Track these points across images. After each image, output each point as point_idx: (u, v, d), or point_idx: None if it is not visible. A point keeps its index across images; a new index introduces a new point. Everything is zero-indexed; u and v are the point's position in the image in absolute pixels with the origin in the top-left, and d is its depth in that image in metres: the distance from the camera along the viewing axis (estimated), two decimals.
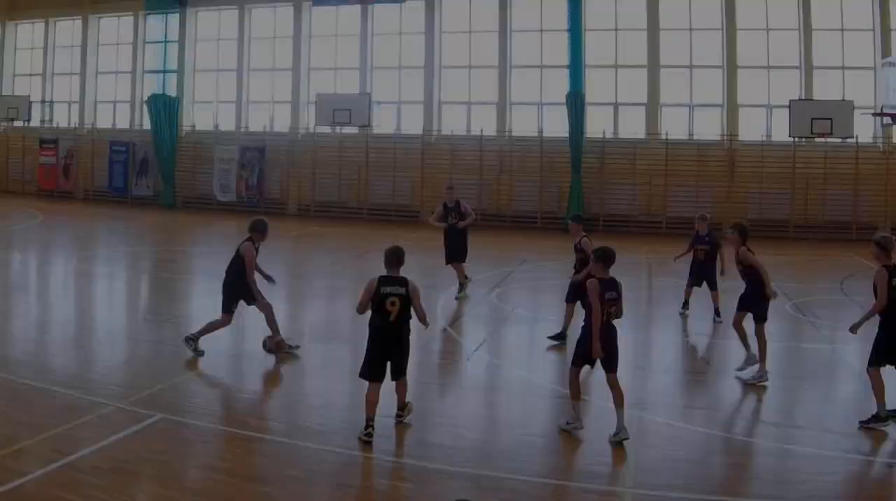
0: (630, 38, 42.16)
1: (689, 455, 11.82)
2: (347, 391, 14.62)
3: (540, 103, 43.44)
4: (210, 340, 17.35)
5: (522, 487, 10.50)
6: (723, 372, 16.48)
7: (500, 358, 17.37)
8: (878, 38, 39.01)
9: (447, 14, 45.00)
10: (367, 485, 10.55)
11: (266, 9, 48.31)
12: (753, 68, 40.89)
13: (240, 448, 11.57)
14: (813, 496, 10.44)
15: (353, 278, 25.57)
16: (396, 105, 46.08)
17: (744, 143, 40.40)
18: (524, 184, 42.22)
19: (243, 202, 46.33)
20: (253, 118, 48.70)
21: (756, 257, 15.52)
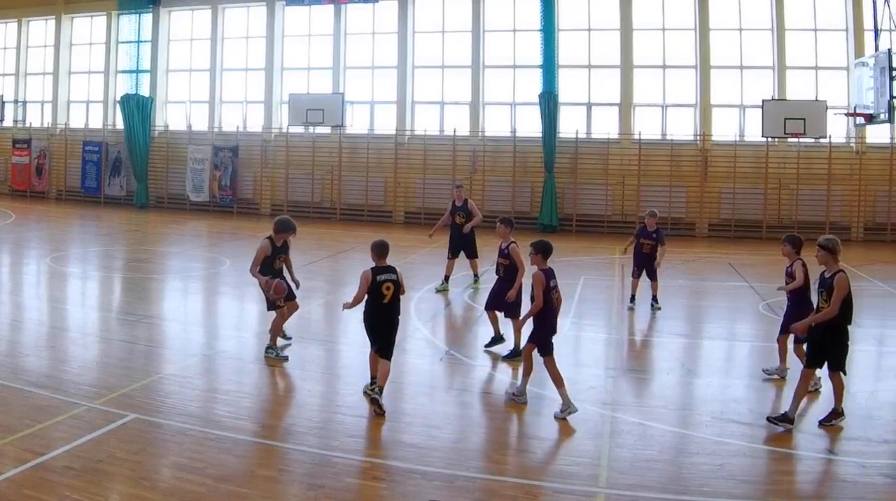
0: (603, 39, 42.37)
1: (661, 454, 11.81)
2: (320, 391, 14.77)
3: (513, 103, 43.62)
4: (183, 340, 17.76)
5: (495, 487, 10.48)
6: (696, 372, 16.53)
7: (473, 358, 17.30)
8: (851, 38, 39.24)
9: (420, 14, 45.14)
10: (340, 485, 10.44)
11: (239, 9, 48.42)
12: (726, 68, 41.09)
13: (213, 448, 11.47)
14: (785, 495, 10.47)
15: (327, 278, 25.69)
16: (369, 105, 46.17)
17: (717, 143, 40.63)
18: (497, 184, 42.34)
19: (216, 202, 46.61)
20: (226, 118, 48.74)
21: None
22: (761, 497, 10.43)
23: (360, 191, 44.35)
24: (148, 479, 10.40)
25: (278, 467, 11.06)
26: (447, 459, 11.46)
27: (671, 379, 16.10)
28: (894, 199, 38.52)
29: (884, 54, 30.04)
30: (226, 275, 27.15)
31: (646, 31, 41.84)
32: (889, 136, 38.57)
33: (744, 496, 10.44)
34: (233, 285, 25.49)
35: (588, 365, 17.09)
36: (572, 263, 28.26)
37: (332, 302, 22.51)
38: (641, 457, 11.56)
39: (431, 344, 18.39)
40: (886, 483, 10.74)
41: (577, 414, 13.14)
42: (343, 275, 27.26)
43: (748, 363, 17.51)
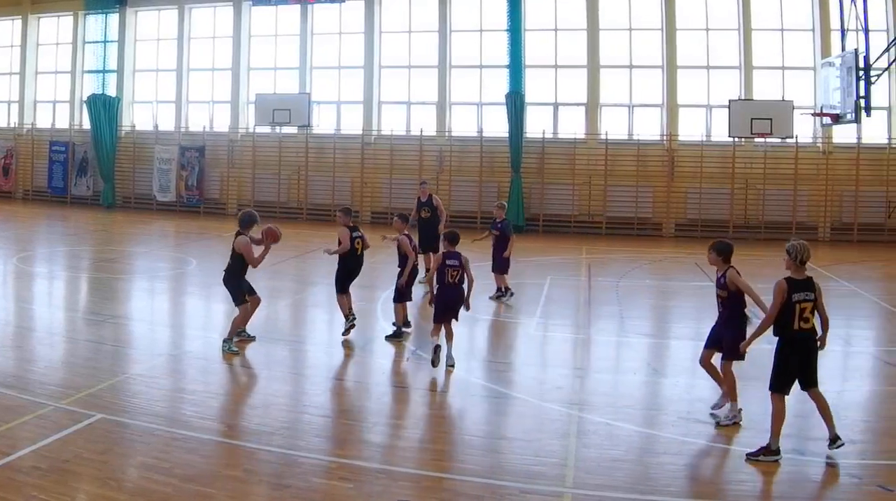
0: (569, 39, 42.31)
1: (628, 455, 11.84)
2: (286, 391, 14.78)
3: (479, 103, 43.51)
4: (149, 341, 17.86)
5: (461, 487, 10.51)
6: (662, 372, 16.61)
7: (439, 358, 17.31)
8: (818, 38, 39.29)
9: (387, 14, 45.03)
10: (307, 485, 10.45)
11: (206, 8, 48.22)
12: (693, 68, 41.12)
13: (179, 448, 11.46)
14: (752, 495, 10.53)
15: (293, 278, 25.67)
16: (336, 105, 46.06)
17: (683, 143, 40.62)
18: (464, 184, 42.30)
19: (183, 202, 46.50)
20: (192, 118, 48.50)
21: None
22: (728, 497, 10.49)
23: (326, 190, 44.23)
24: (114, 479, 10.39)
25: (244, 467, 11.05)
26: (414, 459, 11.53)
27: (638, 379, 16.17)
28: (861, 199, 38.58)
29: (850, 54, 30.20)
30: (192, 275, 27.17)
31: (612, 31, 41.84)
32: (856, 136, 38.60)
33: (710, 496, 10.51)
34: (199, 285, 25.57)
35: (555, 365, 17.15)
36: (539, 263, 28.28)
37: (298, 302, 22.66)
38: (608, 457, 11.59)
39: (398, 344, 18.29)
40: (853, 482, 10.80)
41: (544, 414, 13.30)
42: (310, 275, 27.27)
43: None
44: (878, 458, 11.89)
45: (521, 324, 20.40)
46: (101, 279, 26.19)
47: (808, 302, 11.88)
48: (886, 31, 36.95)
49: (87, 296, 23.80)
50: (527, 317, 20.84)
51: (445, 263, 16.34)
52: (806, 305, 11.84)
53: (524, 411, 13.75)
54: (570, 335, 19.85)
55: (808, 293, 11.87)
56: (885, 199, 38.24)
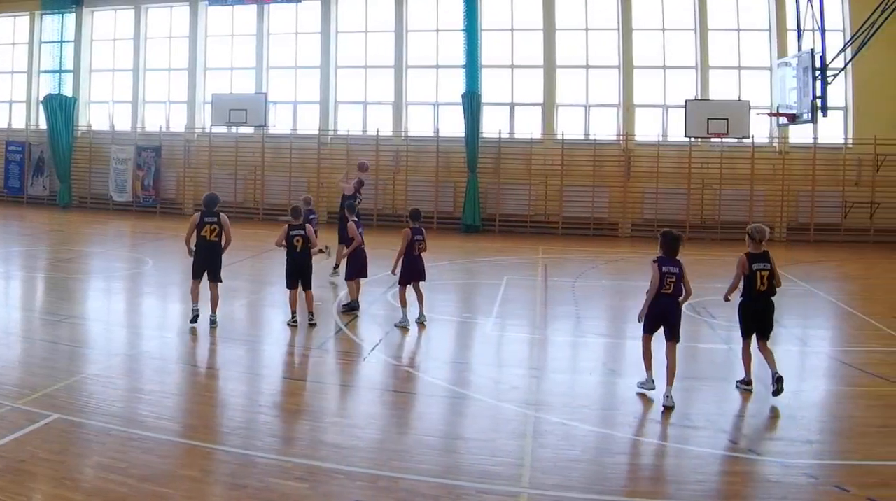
0: (526, 39, 42.41)
1: (584, 454, 11.85)
2: (243, 391, 14.78)
3: (436, 103, 43.62)
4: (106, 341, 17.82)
5: (419, 487, 10.49)
6: (618, 372, 16.62)
7: (396, 358, 17.37)
8: (774, 38, 39.63)
9: (343, 14, 45.05)
10: (263, 485, 10.41)
11: (162, 8, 48.02)
12: (649, 68, 41.31)
13: (135, 448, 11.42)
14: (708, 495, 10.53)
15: (249, 278, 25.59)
16: (292, 105, 46.03)
17: (640, 143, 40.81)
18: (420, 183, 42.28)
19: (139, 202, 46.46)
20: (149, 118, 48.40)
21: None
22: (684, 497, 10.47)
23: (283, 191, 44.20)
24: (71, 479, 10.35)
25: (201, 467, 11.02)
26: (370, 459, 11.49)
27: (594, 379, 16.22)
28: (817, 199, 38.83)
29: (807, 54, 30.26)
30: (148, 275, 27.03)
31: (569, 31, 41.96)
32: (812, 137, 38.87)
33: (666, 496, 10.52)
34: (155, 285, 25.55)
35: (511, 365, 17.13)
36: (495, 263, 28.31)
37: (254, 301, 22.70)
38: (564, 457, 11.60)
39: (354, 344, 18.39)
40: (810, 482, 10.81)
41: (501, 414, 13.37)
42: (266, 275, 27.13)
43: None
44: (835, 458, 11.94)
45: (477, 324, 20.43)
46: (58, 279, 26.05)
47: (766, 271, 15.08)
48: (843, 32, 37.17)
49: (43, 296, 23.68)
50: (483, 317, 20.88)
51: (414, 237, 19.61)
52: (764, 273, 15.06)
53: (480, 411, 13.78)
54: (526, 335, 19.84)
55: (765, 263, 15.12)
56: (842, 199, 38.53)
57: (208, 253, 19.39)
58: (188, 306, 18.99)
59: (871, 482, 10.75)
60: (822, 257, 34.02)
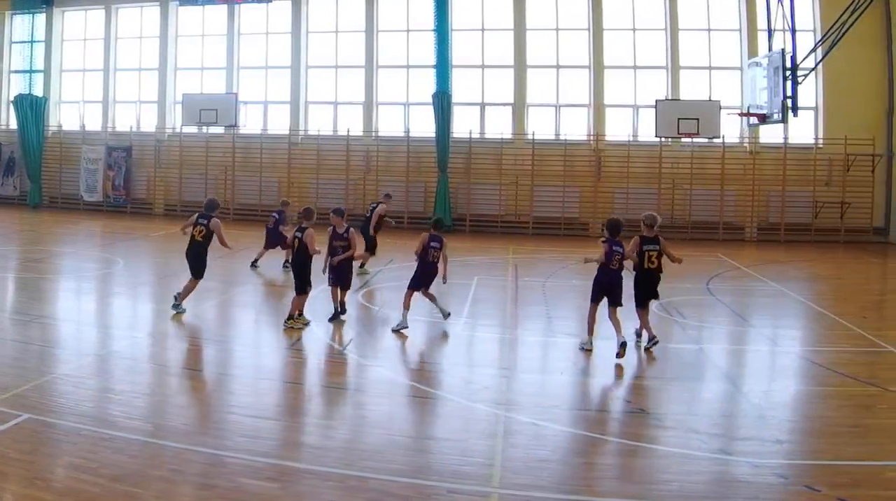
0: (496, 39, 42.59)
1: (554, 454, 11.85)
2: (213, 391, 14.75)
3: (406, 103, 43.74)
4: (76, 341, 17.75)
5: (388, 487, 10.46)
6: (588, 372, 16.68)
7: (367, 358, 17.37)
8: (745, 38, 39.87)
9: (313, 14, 45.13)
10: (233, 485, 10.39)
11: (132, 9, 48.00)
12: (620, 68, 41.42)
13: (106, 448, 11.36)
14: (678, 495, 10.49)
15: (220, 279, 25.40)
16: (263, 105, 46.03)
17: (610, 143, 41.00)
18: (390, 184, 41.68)
19: (109, 202, 46.46)
20: (119, 118, 48.37)
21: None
22: (655, 497, 10.48)
23: (253, 191, 44.32)
24: (41, 479, 10.31)
25: (171, 467, 10.95)
26: (340, 459, 11.45)
27: (564, 378, 16.23)
28: (787, 199, 39.07)
29: (777, 54, 30.30)
30: (119, 275, 26.96)
31: (539, 31, 42.10)
32: (782, 137, 39.12)
33: (637, 496, 10.50)
34: (126, 285, 25.46)
35: (482, 365, 17.19)
36: (466, 263, 28.24)
37: (225, 302, 22.62)
38: (534, 457, 11.59)
39: (325, 344, 18.39)
40: (780, 482, 10.81)
41: (471, 414, 13.40)
42: (236, 275, 27.08)
43: (641, 363, 17.68)
44: (805, 458, 11.97)
45: (448, 324, 20.26)
46: (28, 279, 25.94)
47: (654, 251, 18.27)
48: (813, 31, 37.54)
49: (13, 296, 23.46)
50: (454, 317, 20.70)
51: (430, 243, 19.66)
52: (652, 253, 18.29)
53: (451, 411, 13.81)
54: (497, 335, 19.94)
55: (654, 245, 18.34)
56: (812, 199, 38.79)
57: (191, 251, 20.73)
58: (158, 306, 18.97)
59: (841, 482, 10.77)
60: (793, 257, 34.22)
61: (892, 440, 12.48)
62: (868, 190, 38.86)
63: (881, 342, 19.03)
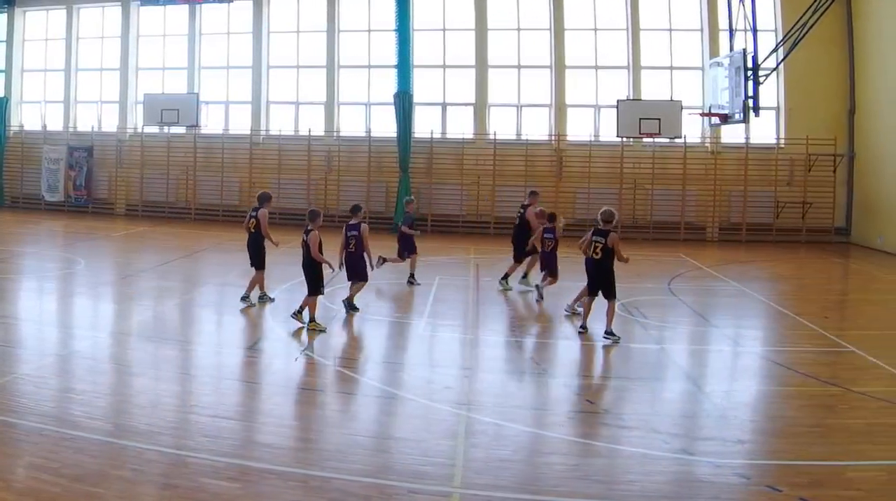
0: (458, 39, 42.57)
1: (516, 454, 11.85)
2: (174, 391, 14.69)
3: (368, 103, 43.68)
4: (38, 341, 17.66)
5: (350, 487, 10.46)
6: (551, 372, 16.66)
7: (328, 358, 17.35)
8: (706, 38, 39.94)
9: (275, 14, 45.02)
10: (195, 485, 10.35)
11: (94, 9, 47.76)
12: (581, 68, 41.48)
13: (68, 448, 11.32)
14: (640, 495, 10.52)
15: (181, 278, 25.46)
16: (224, 105, 45.96)
17: (571, 143, 40.97)
18: (352, 184, 42.20)
19: (71, 202, 46.23)
20: (81, 118, 48.16)
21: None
22: (616, 497, 10.49)
23: (215, 191, 44.29)
24: (2, 479, 10.27)
25: (132, 467, 10.92)
26: (302, 459, 11.50)
27: (526, 379, 16.31)
28: (749, 199, 39.17)
29: (738, 54, 30.39)
30: (81, 275, 26.75)
31: (500, 31, 42.14)
32: (744, 137, 39.25)
33: (599, 496, 10.50)
34: (88, 285, 25.24)
35: (443, 365, 17.16)
36: (427, 263, 28.14)
37: (187, 302, 22.57)
38: (496, 457, 11.62)
39: (287, 344, 18.41)
40: (741, 482, 10.84)
41: (433, 414, 13.42)
42: (198, 275, 27.23)
43: (603, 363, 17.81)
44: (767, 458, 12.02)
45: (410, 324, 20.43)
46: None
47: (599, 243, 18.98)
48: (775, 32, 37.69)
49: None
50: (416, 317, 20.93)
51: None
52: (598, 244, 19.00)
53: (413, 411, 13.79)
54: (458, 335, 19.85)
55: (601, 238, 18.96)
56: (774, 199, 38.93)
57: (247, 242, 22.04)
58: (120, 306, 18.95)
59: (803, 482, 10.81)
60: (754, 257, 34.34)
61: (854, 440, 12.51)
62: (829, 190, 39.00)
63: (842, 342, 19.12)
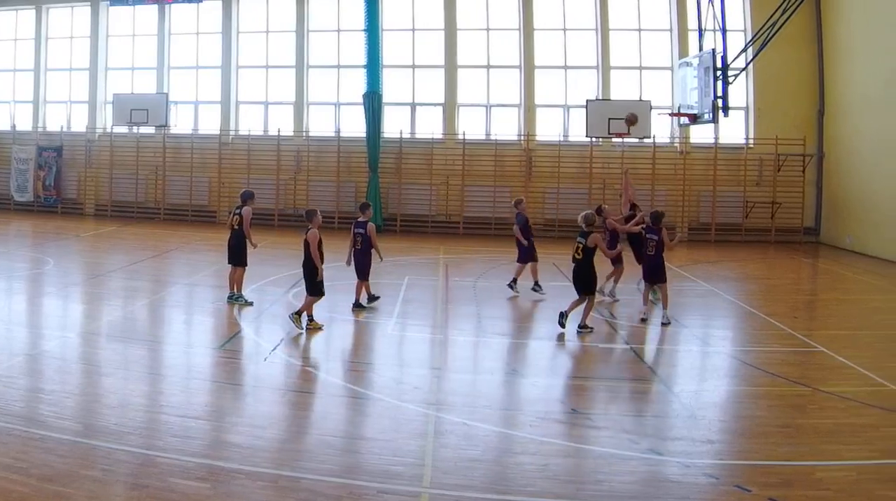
0: (427, 39, 42.71)
1: (485, 454, 11.87)
2: (144, 391, 14.59)
3: (337, 103, 43.79)
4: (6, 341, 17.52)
5: (320, 487, 10.46)
6: (520, 373, 16.65)
7: (298, 358, 17.35)
8: (675, 38, 40.20)
9: (244, 14, 45.12)
10: (164, 485, 10.33)
11: (63, 8, 47.67)
12: (551, 68, 41.63)
13: (37, 448, 11.29)
14: (609, 495, 10.52)
15: (150, 278, 25.46)
16: (193, 105, 45.92)
17: (541, 143, 41.17)
18: (321, 184, 42.32)
19: (40, 202, 46.16)
20: (50, 118, 48.05)
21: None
22: (586, 497, 10.50)
23: (184, 191, 44.29)
24: None
25: (102, 467, 10.87)
26: (272, 459, 11.48)
27: (495, 379, 16.30)
28: (718, 199, 39.46)
29: (708, 54, 30.41)
30: (50, 275, 26.68)
31: (470, 31, 42.29)
32: (713, 137, 39.49)
33: (568, 496, 10.52)
34: (57, 285, 25.12)
35: (412, 365, 17.22)
36: (397, 263, 28.17)
37: (156, 302, 22.49)
38: (465, 457, 11.62)
39: (256, 344, 18.42)
40: (710, 482, 10.86)
41: (402, 414, 13.43)
42: (167, 275, 27.17)
43: (573, 364, 17.89)
44: (736, 458, 12.05)
45: (379, 325, 20.34)
46: None
47: (580, 244, 19.73)
48: (744, 32, 37.99)
49: None
50: (385, 317, 20.85)
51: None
52: (579, 245, 19.77)
53: (382, 411, 13.79)
54: (427, 335, 19.91)
55: (581, 239, 19.75)
56: (743, 199, 39.21)
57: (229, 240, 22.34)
58: (89, 306, 19.02)
59: (772, 482, 10.86)
60: (724, 257, 34.53)
61: (823, 440, 12.55)
62: (799, 190, 39.30)
63: (812, 342, 19.25)
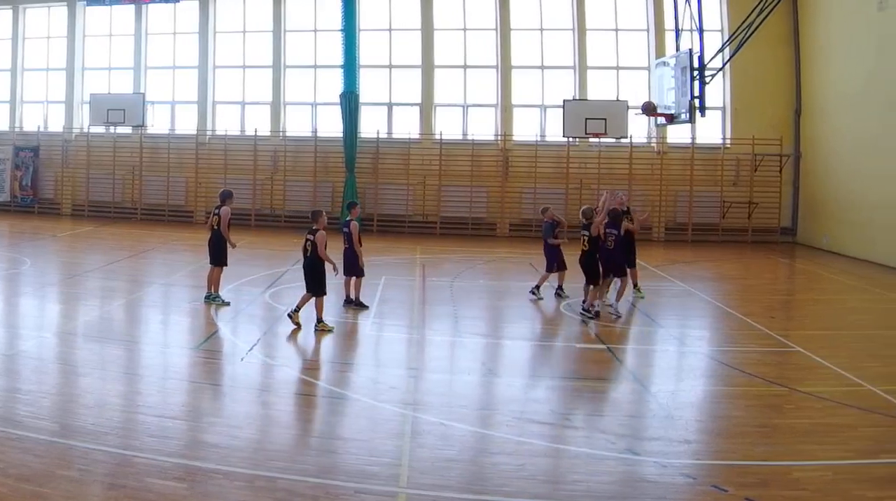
0: (404, 39, 42.78)
1: (462, 454, 11.87)
2: (121, 391, 14.55)
3: (314, 103, 43.85)
4: None
5: (296, 487, 10.45)
6: (497, 372, 16.70)
7: (274, 358, 17.28)
8: (652, 38, 40.29)
9: (221, 14, 45.08)
10: (141, 485, 10.29)
11: (40, 8, 47.58)
12: (527, 68, 41.67)
13: (13, 449, 11.23)
14: (586, 495, 10.50)
15: (127, 278, 25.42)
16: (170, 105, 45.88)
17: (518, 143, 41.25)
18: (298, 184, 42.42)
19: (17, 202, 46.08)
20: (27, 118, 47.97)
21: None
22: (562, 497, 10.50)
23: (161, 191, 44.24)
24: None
25: (79, 467, 10.83)
26: (248, 459, 11.44)
27: (472, 379, 16.29)
28: (695, 199, 39.60)
29: (685, 54, 30.41)
30: (27, 275, 26.54)
31: (446, 31, 42.32)
32: (690, 137, 39.59)
33: (545, 496, 10.53)
34: (34, 285, 25.02)
35: (389, 365, 17.20)
36: (374, 263, 28.05)
37: (133, 302, 22.45)
38: (442, 457, 11.61)
39: (232, 344, 18.39)
40: (687, 482, 10.86)
41: (379, 414, 13.43)
42: (144, 275, 27.12)
43: (549, 363, 17.86)
44: (713, 458, 12.06)
45: (356, 324, 20.42)
46: None
47: (585, 236, 21.44)
48: (721, 32, 38.12)
49: None
50: (362, 318, 20.90)
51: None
52: (584, 236, 21.47)
53: (359, 411, 13.80)
54: (404, 335, 19.91)
55: (585, 231, 21.46)
56: (720, 199, 39.30)
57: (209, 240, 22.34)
58: (66, 306, 19.10)
59: (749, 482, 10.86)
60: (700, 257, 34.66)
61: (799, 440, 12.59)
62: (775, 190, 39.43)
63: (788, 342, 19.29)
